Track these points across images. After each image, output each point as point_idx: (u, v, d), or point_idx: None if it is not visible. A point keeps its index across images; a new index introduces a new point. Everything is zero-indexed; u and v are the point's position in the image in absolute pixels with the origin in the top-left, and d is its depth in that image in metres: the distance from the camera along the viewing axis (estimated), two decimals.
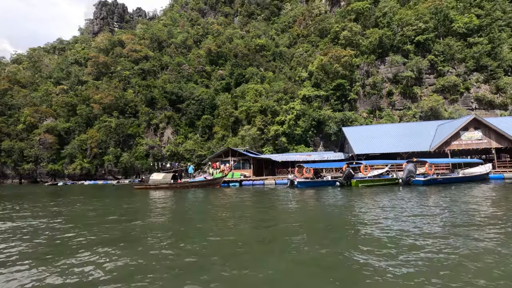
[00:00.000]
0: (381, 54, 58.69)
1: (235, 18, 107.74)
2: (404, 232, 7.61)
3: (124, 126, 66.69)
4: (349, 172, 20.57)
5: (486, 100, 50.63)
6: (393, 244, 6.58)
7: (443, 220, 8.90)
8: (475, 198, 13.56)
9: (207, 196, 19.80)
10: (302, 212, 11.78)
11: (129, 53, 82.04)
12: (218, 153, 32.08)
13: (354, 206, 12.37)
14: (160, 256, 6.40)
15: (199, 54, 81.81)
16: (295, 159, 32.95)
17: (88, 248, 7.16)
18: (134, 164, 64.62)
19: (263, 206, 14.18)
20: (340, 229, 8.48)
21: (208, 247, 7.08)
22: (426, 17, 56.86)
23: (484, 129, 26.02)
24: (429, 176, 20.47)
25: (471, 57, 53.25)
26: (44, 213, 14.11)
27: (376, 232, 7.79)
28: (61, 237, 8.63)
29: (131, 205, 16.00)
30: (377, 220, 9.26)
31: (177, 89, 69.34)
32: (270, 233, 8.50)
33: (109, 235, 8.62)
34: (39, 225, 10.61)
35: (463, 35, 56.44)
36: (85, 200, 20.09)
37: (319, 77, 59.56)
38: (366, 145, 28.85)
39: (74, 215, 13.02)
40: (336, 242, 7.12)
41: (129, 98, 70.96)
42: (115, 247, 7.20)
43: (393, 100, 55.27)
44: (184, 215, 12.62)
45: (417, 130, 30.96)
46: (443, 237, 7.03)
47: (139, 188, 27.20)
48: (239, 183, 28.11)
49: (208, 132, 66.41)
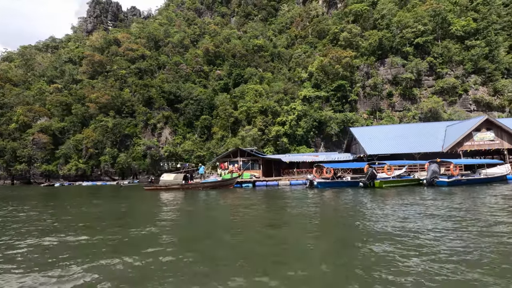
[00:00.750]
0: (381, 55, 59.10)
1: (232, 19, 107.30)
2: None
3: (121, 126, 65.50)
4: (372, 173, 20.32)
5: (484, 102, 51.41)
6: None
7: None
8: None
9: (225, 198, 18.65)
10: (364, 223, 9.43)
11: (125, 52, 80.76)
12: (227, 153, 31.57)
13: (407, 215, 10.39)
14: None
15: (196, 54, 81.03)
16: (303, 160, 32.75)
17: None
18: (131, 165, 63.47)
19: (302, 214, 11.57)
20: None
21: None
22: (425, 20, 57.50)
23: (496, 130, 26.29)
24: (453, 177, 20.36)
25: (469, 60, 54.04)
26: (69, 216, 13.42)
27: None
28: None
29: (158, 211, 14.34)
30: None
31: (175, 89, 68.48)
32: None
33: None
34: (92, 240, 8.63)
35: (460, 37, 57.27)
36: (103, 203, 18.81)
37: (319, 78, 59.61)
38: (378, 146, 28.83)
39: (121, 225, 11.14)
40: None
41: (125, 98, 69.74)
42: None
43: (393, 101, 55.66)
44: (215, 226, 10.18)
45: (426, 131, 31.12)
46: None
47: (149, 189, 26.46)
48: (253, 184, 27.77)
49: (207, 132, 65.72)
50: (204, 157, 62.03)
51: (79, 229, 9.90)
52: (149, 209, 14.80)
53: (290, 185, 26.80)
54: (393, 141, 29.53)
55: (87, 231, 9.52)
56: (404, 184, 21.54)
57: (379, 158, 27.79)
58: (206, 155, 61.39)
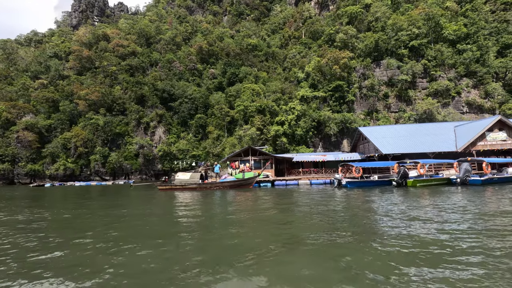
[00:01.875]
0: (377, 57, 59.91)
1: (224, 17, 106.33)
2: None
3: (112, 124, 63.27)
4: (404, 171, 20.21)
5: (476, 104, 53.04)
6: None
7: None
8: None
9: (260, 200, 16.77)
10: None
11: (115, 48, 78.20)
12: (237, 152, 30.71)
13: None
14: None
15: (189, 52, 79.55)
16: (312, 159, 32.47)
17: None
18: (123, 165, 61.40)
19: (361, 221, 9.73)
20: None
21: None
22: (419, 23, 58.80)
23: (508, 130, 26.97)
24: (486, 176, 20.59)
25: (461, 63, 55.64)
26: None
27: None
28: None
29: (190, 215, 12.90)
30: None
31: (169, 87, 66.86)
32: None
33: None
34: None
35: (452, 41, 58.91)
36: (127, 207, 16.37)
37: (316, 78, 59.76)
38: (391, 145, 28.94)
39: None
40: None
41: (116, 95, 67.48)
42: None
43: (389, 102, 56.50)
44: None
45: (435, 130, 31.58)
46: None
47: (164, 189, 25.36)
48: (271, 183, 27.22)
49: (202, 131, 64.57)
50: (200, 157, 60.85)
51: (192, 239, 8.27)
52: (194, 213, 13.16)
53: (310, 184, 26.41)
54: (405, 140, 29.78)
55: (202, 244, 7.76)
56: (436, 183, 21.55)
57: (394, 157, 27.96)
58: (202, 155, 60.27)
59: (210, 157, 59.01)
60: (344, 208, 12.31)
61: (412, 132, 31.82)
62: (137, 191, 27.11)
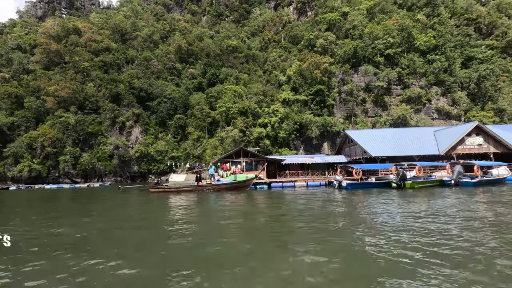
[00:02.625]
0: (355, 63, 62.22)
1: (203, 17, 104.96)
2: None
3: (84, 123, 59.67)
4: (403, 174, 20.99)
5: (445, 111, 56.85)
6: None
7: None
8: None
9: (262, 203, 16.26)
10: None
11: (87, 43, 74.08)
12: (229, 154, 30.11)
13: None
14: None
15: (168, 50, 77.42)
16: (301, 162, 32.80)
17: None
18: (96, 166, 58.05)
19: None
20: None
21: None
22: (394, 33, 61.98)
23: (484, 135, 29.16)
24: (477, 178, 22.01)
25: (431, 72, 59.43)
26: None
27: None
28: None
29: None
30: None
31: (146, 86, 64.45)
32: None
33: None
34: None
35: (423, 52, 62.77)
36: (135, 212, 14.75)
37: (297, 81, 60.76)
38: (379, 148, 30.02)
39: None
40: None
41: (89, 92, 63.80)
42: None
43: (366, 107, 58.84)
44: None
45: (417, 135, 33.29)
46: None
47: (156, 192, 23.91)
48: (268, 185, 26.99)
49: (181, 132, 62.95)
50: (179, 158, 59.22)
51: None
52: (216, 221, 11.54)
53: (307, 186, 26.57)
54: (391, 144, 31.11)
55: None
56: (432, 185, 22.59)
57: (382, 160, 29.04)
58: (182, 156, 58.70)
59: (190, 158, 57.65)
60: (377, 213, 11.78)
61: (396, 136, 33.36)
62: (126, 194, 25.55)
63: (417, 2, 76.02)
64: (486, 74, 56.05)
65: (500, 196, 15.97)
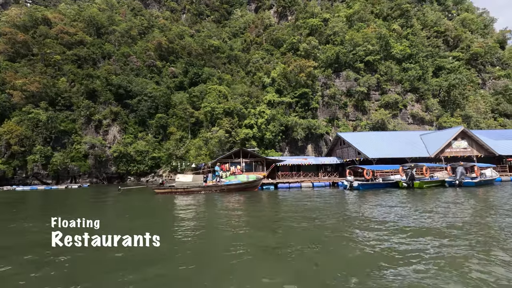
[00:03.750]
0: (337, 68, 64.11)
1: (183, 15, 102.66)
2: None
3: (56, 120, 55.72)
4: (412, 174, 21.84)
5: (419, 117, 60.37)
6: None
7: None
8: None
9: (293, 205, 15.41)
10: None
11: (59, 35, 69.35)
12: (228, 154, 29.46)
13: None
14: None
15: (147, 47, 74.71)
16: (297, 163, 33.05)
17: None
18: (68, 166, 54.37)
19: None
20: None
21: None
22: (373, 41, 64.81)
23: (468, 139, 31.32)
24: (477, 178, 23.53)
25: (407, 80, 62.86)
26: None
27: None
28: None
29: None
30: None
31: (125, 83, 61.65)
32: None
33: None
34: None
35: (399, 60, 66.28)
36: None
37: (282, 84, 61.42)
38: (375, 150, 30.98)
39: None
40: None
41: (62, 88, 59.72)
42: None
43: (348, 111, 60.85)
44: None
45: (406, 138, 34.98)
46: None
47: (162, 193, 22.64)
48: (275, 186, 26.72)
49: (162, 132, 60.94)
50: (161, 159, 57.34)
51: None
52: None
53: (312, 187, 26.78)
54: (385, 146, 32.36)
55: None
56: (436, 185, 23.81)
57: (377, 161, 30.02)
58: (164, 157, 56.85)
59: (173, 159, 55.95)
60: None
61: (388, 139, 34.86)
62: (129, 196, 24.01)
63: (392, 13, 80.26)
64: (455, 83, 60.47)
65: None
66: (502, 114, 66.18)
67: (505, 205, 12.71)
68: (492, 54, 76.39)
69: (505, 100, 67.14)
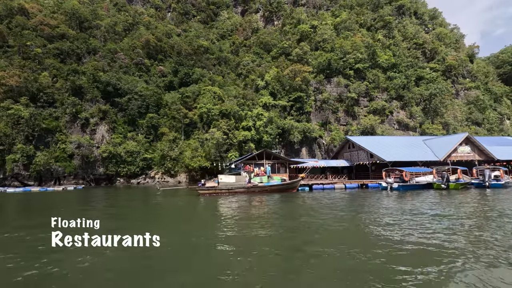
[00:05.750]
0: (329, 74, 66.15)
1: (168, 14, 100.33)
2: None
3: (39, 118, 52.05)
4: (447, 176, 23.20)
5: (404, 123, 63.93)
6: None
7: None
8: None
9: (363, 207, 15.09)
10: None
11: (38, 26, 64.98)
12: (252, 156, 29.28)
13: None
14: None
15: (135, 44, 72.16)
16: (311, 165, 33.56)
17: None
18: (52, 167, 50.88)
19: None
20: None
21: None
22: (362, 49, 67.78)
23: (471, 145, 33.80)
24: (503, 180, 25.48)
25: (392, 88, 66.41)
26: None
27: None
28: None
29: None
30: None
31: (114, 80, 59.04)
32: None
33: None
34: None
35: (384, 69, 69.87)
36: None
37: (276, 87, 62.22)
38: (389, 154, 32.28)
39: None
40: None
41: (44, 83, 55.87)
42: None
43: (339, 116, 62.93)
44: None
45: (411, 143, 36.93)
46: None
47: (205, 194, 22.27)
48: (309, 187, 27.02)
49: (153, 132, 59.07)
50: (153, 160, 55.54)
51: None
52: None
53: (345, 188, 27.48)
54: (397, 150, 33.87)
55: None
56: (465, 186, 25.44)
57: (393, 164, 31.32)
58: (156, 158, 55.12)
59: (167, 160, 54.39)
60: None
61: (393, 143, 36.53)
62: (175, 196, 23.16)
63: (375, 23, 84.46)
64: (436, 92, 64.89)
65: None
66: (474, 123, 72.12)
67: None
68: (463, 67, 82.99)
69: (476, 110, 73.21)
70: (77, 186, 45.87)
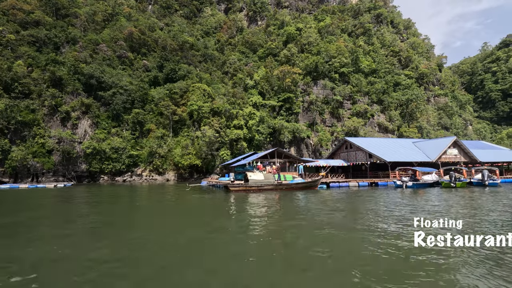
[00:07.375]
0: (316, 77, 68.03)
1: (149, 6, 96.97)
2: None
3: (15, 110, 48.24)
4: (455, 176, 24.99)
5: (384, 126, 67.59)
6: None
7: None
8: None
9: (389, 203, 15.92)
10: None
11: (10, 10, 60.05)
12: (264, 154, 29.43)
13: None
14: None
15: (117, 36, 69.09)
16: (315, 165, 34.49)
17: None
18: (29, 163, 47.44)
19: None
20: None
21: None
22: (346, 54, 70.54)
23: (458, 148, 36.67)
24: (499, 180, 27.64)
25: (373, 92, 69.90)
26: None
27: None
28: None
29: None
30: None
31: (98, 73, 56.22)
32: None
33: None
34: None
35: (366, 74, 73.28)
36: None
37: (265, 87, 62.91)
38: (387, 154, 34.02)
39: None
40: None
41: (19, 72, 51.80)
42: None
43: (325, 117, 65.03)
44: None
45: (404, 145, 39.26)
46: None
47: (237, 190, 23.15)
48: (327, 185, 27.64)
49: (139, 129, 57.19)
50: (139, 157, 53.79)
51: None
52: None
53: (358, 186, 28.47)
54: (392, 151, 35.85)
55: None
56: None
57: (392, 164, 33.11)
58: (143, 155, 53.44)
59: (155, 157, 52.93)
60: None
61: (388, 145, 38.71)
62: (208, 193, 23.48)
63: (355, 30, 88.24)
64: (412, 98, 69.38)
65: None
66: (443, 127, 78.14)
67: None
68: (433, 75, 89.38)
69: (445, 115, 79.33)
70: (66, 184, 43.09)
